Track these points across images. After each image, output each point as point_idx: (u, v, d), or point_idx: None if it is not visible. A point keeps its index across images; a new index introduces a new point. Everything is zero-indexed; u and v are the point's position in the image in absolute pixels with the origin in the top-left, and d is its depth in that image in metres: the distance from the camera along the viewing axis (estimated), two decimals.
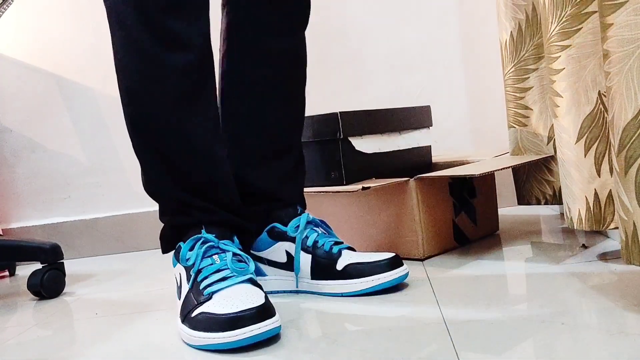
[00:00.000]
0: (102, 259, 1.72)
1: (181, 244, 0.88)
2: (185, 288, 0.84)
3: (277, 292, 1.00)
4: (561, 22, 0.88)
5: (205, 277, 0.82)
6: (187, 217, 0.90)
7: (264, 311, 0.75)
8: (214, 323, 0.75)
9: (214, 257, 0.85)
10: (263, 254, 1.01)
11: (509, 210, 1.59)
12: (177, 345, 0.81)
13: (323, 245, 0.96)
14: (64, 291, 1.30)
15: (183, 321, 0.81)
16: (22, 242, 1.37)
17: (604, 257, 0.95)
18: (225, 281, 0.81)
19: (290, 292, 0.99)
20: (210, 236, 0.86)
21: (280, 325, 0.78)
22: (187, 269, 0.85)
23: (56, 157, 1.80)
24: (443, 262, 1.07)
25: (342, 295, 0.93)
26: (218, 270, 0.83)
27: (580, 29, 0.87)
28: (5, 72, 1.79)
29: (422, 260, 1.11)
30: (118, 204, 1.80)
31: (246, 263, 0.86)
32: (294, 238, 0.97)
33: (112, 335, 0.90)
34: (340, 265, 0.94)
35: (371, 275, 0.92)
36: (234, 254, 0.86)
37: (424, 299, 0.86)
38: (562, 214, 1.40)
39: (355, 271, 0.93)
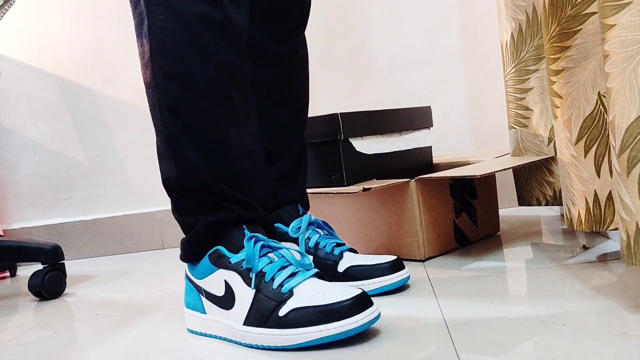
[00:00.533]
0: (102, 260, 1.72)
1: (221, 248, 0.80)
2: (247, 292, 0.77)
3: None
4: (561, 23, 0.88)
5: (273, 276, 0.76)
6: (228, 212, 0.81)
7: (366, 299, 0.72)
8: (319, 315, 0.71)
9: (269, 255, 0.78)
10: None
11: (509, 211, 1.59)
12: (178, 346, 0.81)
13: (325, 246, 0.96)
14: (64, 292, 1.31)
15: (264, 325, 0.74)
16: (23, 242, 1.37)
17: (604, 258, 0.95)
18: (296, 277, 0.76)
19: None
20: (260, 235, 0.80)
21: (380, 313, 0.76)
22: (244, 272, 0.77)
23: (57, 158, 1.80)
24: (444, 263, 1.07)
25: None
26: (282, 268, 0.77)
27: (580, 30, 0.87)
28: (6, 73, 1.79)
29: (422, 261, 1.11)
30: (119, 205, 1.80)
31: (303, 258, 0.81)
32: (296, 239, 0.97)
33: (113, 336, 0.90)
34: (341, 267, 0.94)
35: (373, 277, 0.91)
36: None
37: (425, 299, 0.86)
38: (562, 215, 1.40)
39: (356, 273, 0.92)
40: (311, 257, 0.95)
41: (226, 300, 0.79)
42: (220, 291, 0.80)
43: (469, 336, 0.69)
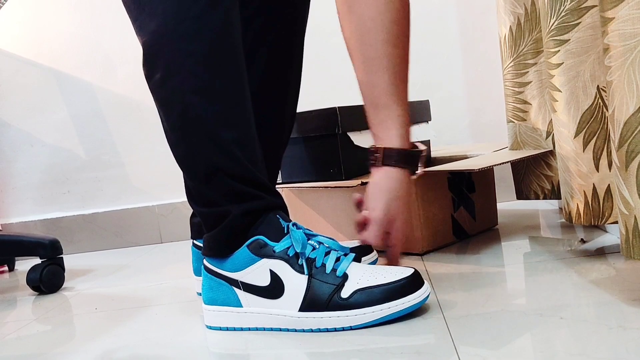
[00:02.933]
0: (101, 254, 1.72)
1: (262, 237, 0.78)
2: (299, 279, 0.76)
3: None
4: (560, 16, 0.88)
5: (323, 262, 0.77)
6: (259, 200, 0.79)
7: (419, 277, 0.77)
8: (383, 294, 0.74)
9: (309, 242, 0.79)
10: None
11: (507, 204, 1.59)
12: (176, 340, 0.81)
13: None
14: (63, 286, 1.31)
15: (326, 309, 0.75)
16: (21, 237, 1.37)
17: (603, 251, 0.95)
18: (343, 261, 0.78)
19: None
20: (294, 222, 0.80)
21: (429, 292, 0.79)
22: (291, 260, 0.77)
23: (55, 152, 1.80)
24: (442, 257, 1.07)
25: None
26: (327, 253, 0.78)
27: (579, 23, 0.86)
28: (3, 66, 1.78)
29: (421, 255, 1.11)
30: (117, 198, 1.80)
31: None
32: None
33: (112, 330, 0.90)
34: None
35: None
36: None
37: None
38: (560, 209, 1.40)
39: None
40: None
41: (273, 290, 0.77)
42: (264, 281, 0.78)
43: (466, 329, 0.69)
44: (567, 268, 0.89)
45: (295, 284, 0.76)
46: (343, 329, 0.74)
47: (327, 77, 1.68)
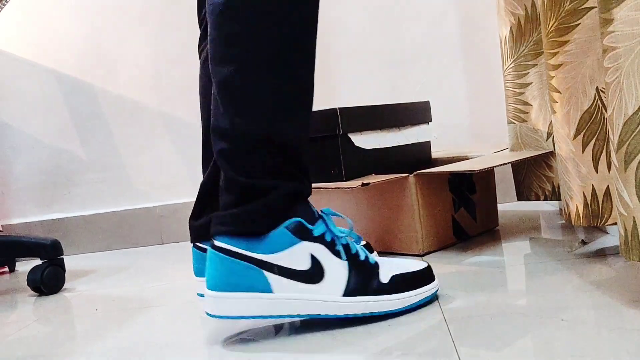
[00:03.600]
0: (102, 255, 1.72)
1: (301, 220, 0.76)
2: (339, 264, 0.77)
3: None
4: (560, 17, 0.88)
5: (357, 249, 0.80)
6: (302, 184, 0.78)
7: (430, 269, 0.84)
8: (417, 279, 0.81)
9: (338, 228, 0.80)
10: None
11: (508, 206, 1.59)
12: (177, 341, 0.81)
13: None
14: (63, 287, 1.31)
15: (370, 293, 0.77)
16: (22, 238, 1.37)
17: (603, 252, 0.95)
18: (363, 250, 0.81)
19: None
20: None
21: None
22: (329, 244, 0.77)
23: (56, 153, 1.80)
24: (442, 258, 1.07)
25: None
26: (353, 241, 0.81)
27: (578, 24, 0.86)
28: (5, 68, 1.79)
29: (421, 255, 1.11)
30: (118, 200, 1.80)
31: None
32: None
33: (112, 331, 0.90)
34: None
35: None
36: None
37: None
38: (561, 210, 1.40)
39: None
40: None
41: (313, 274, 0.75)
42: (304, 265, 0.75)
43: (467, 331, 0.69)
44: (567, 269, 0.89)
45: (337, 269, 0.76)
46: (386, 313, 0.78)
47: (328, 77, 1.69)
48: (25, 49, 1.78)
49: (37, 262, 1.30)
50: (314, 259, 0.76)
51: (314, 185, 1.17)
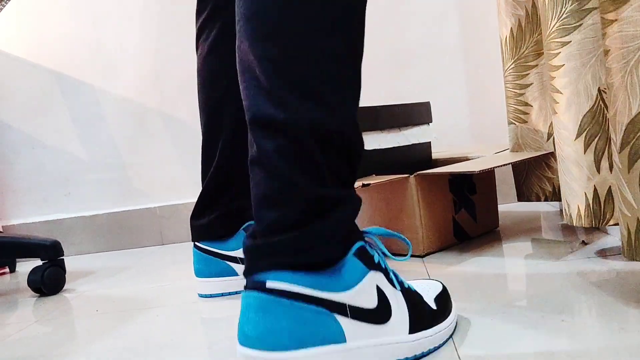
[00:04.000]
0: (102, 256, 1.72)
1: (361, 242, 0.60)
2: (397, 295, 0.62)
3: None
4: (561, 18, 0.88)
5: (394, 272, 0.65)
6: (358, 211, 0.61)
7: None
8: (446, 299, 0.69)
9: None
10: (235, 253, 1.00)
11: (509, 206, 1.59)
12: (177, 341, 0.81)
13: None
14: (64, 288, 1.31)
15: (431, 325, 0.64)
16: (22, 238, 1.37)
17: (604, 253, 0.95)
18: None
19: None
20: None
21: None
22: (384, 270, 0.62)
23: (56, 154, 1.80)
24: (443, 259, 1.07)
25: None
26: None
27: (580, 25, 0.86)
28: (4, 68, 1.79)
29: (422, 257, 1.11)
30: (118, 200, 1.80)
31: None
32: None
33: (113, 332, 0.90)
34: None
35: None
36: None
37: None
38: (562, 211, 1.40)
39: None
40: None
41: (382, 312, 0.59)
42: (372, 301, 0.59)
43: (468, 332, 0.69)
44: (568, 270, 0.89)
45: (398, 302, 0.61)
46: (446, 341, 0.66)
47: None
48: (25, 49, 1.78)
49: (38, 262, 1.30)
50: (380, 293, 0.59)
51: None
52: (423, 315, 0.63)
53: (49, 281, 1.26)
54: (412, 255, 1.12)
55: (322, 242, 0.55)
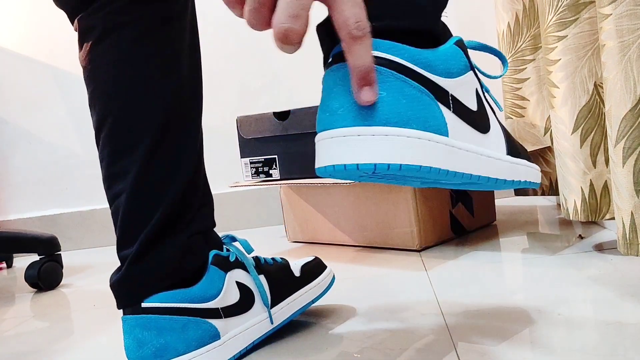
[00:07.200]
0: (99, 251, 1.72)
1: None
2: (492, 113, 0.56)
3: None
4: (558, 12, 0.88)
5: None
6: None
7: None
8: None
9: None
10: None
11: (506, 201, 1.60)
12: None
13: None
14: (61, 283, 1.31)
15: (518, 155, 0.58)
16: (19, 233, 1.37)
17: (600, 247, 0.96)
18: None
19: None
20: None
21: None
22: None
23: (53, 149, 1.80)
24: (440, 253, 1.07)
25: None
26: None
27: (577, 19, 0.86)
28: (1, 63, 1.78)
29: (419, 251, 1.11)
30: None
31: None
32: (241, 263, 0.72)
33: (110, 327, 0.90)
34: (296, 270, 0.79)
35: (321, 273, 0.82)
36: None
37: (421, 289, 0.86)
38: (558, 205, 1.40)
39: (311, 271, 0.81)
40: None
41: (482, 118, 0.53)
42: (473, 103, 0.52)
43: (465, 326, 0.69)
44: (565, 264, 0.89)
45: (491, 115, 0.56)
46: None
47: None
48: (22, 45, 1.77)
49: (35, 257, 1.30)
50: (478, 97, 0.52)
51: (312, 180, 1.17)
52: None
53: (46, 276, 1.26)
54: (409, 250, 1.12)
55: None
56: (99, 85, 0.67)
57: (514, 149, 0.56)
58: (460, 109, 0.49)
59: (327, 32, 0.50)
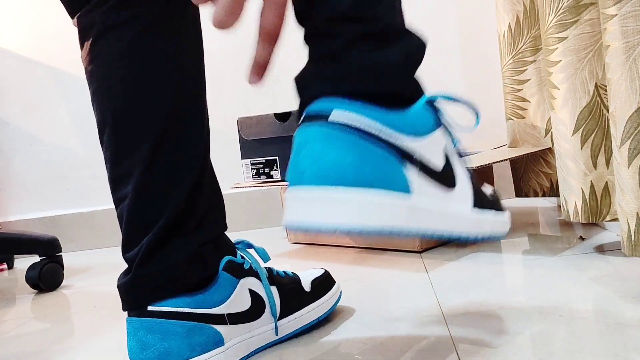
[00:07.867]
0: (100, 252, 1.72)
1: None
2: (460, 164, 0.58)
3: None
4: (558, 13, 0.88)
5: None
6: None
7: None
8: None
9: None
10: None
11: (506, 202, 1.59)
12: None
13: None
14: (62, 284, 1.31)
15: (489, 205, 0.58)
16: (20, 235, 1.37)
17: (601, 248, 0.96)
18: None
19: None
20: None
21: None
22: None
23: (54, 150, 1.80)
24: (440, 254, 1.07)
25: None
26: None
27: (577, 20, 0.86)
28: (2, 64, 1.78)
29: (420, 252, 1.11)
30: None
31: None
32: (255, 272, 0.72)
33: (111, 328, 0.90)
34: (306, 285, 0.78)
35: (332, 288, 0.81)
36: None
37: (422, 291, 0.86)
38: (559, 206, 1.40)
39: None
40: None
41: (448, 175, 0.54)
42: (440, 160, 0.53)
43: (466, 327, 0.69)
44: (565, 265, 0.89)
45: (462, 169, 0.58)
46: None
47: None
48: (23, 46, 1.77)
49: (36, 259, 1.30)
50: (446, 154, 0.54)
51: None
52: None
53: (47, 277, 1.26)
54: (410, 251, 1.12)
55: (401, 71, 0.52)
56: (100, 83, 0.67)
57: (481, 200, 0.56)
58: (425, 168, 0.50)
59: (302, 87, 0.54)
